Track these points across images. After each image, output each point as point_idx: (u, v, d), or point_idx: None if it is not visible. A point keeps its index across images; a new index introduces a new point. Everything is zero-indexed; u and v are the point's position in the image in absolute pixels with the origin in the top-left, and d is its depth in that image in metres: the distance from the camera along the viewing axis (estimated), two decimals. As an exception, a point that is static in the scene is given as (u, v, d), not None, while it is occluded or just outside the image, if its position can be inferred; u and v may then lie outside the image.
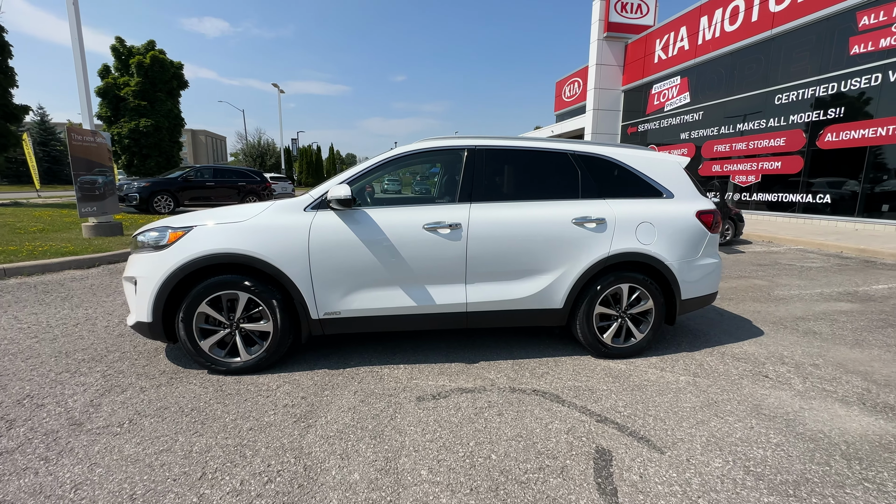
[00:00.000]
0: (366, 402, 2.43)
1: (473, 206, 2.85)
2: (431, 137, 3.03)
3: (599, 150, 3.12)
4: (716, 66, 14.56)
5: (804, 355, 3.19)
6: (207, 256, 2.54)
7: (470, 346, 3.26)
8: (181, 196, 13.11)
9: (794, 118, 11.90)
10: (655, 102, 17.67)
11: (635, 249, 2.95)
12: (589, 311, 2.98)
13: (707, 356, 3.16)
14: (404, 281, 2.79)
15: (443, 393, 2.56)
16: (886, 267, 6.65)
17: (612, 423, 2.27)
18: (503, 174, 2.98)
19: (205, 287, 2.57)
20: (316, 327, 2.77)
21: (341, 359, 3.00)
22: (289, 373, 2.77)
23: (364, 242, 2.69)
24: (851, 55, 10.45)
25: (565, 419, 2.29)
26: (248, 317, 2.70)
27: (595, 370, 2.91)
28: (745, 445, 2.07)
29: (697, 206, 3.14)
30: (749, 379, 2.79)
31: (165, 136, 22.48)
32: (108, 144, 8.07)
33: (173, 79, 22.66)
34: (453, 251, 2.78)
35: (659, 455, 2.00)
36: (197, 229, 2.61)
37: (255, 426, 2.17)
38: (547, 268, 2.90)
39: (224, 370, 2.69)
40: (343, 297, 2.73)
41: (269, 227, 2.64)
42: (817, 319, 4.05)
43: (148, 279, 2.56)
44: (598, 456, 1.99)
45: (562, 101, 25.67)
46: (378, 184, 9.33)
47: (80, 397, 2.39)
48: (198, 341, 2.63)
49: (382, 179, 9.07)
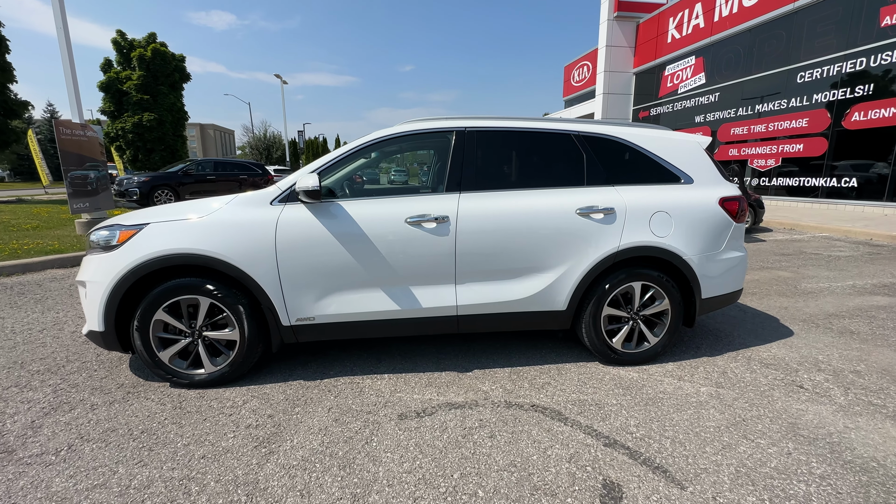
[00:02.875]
0: (340, 422, 2.14)
1: (463, 197, 2.51)
2: (418, 119, 2.68)
3: (607, 129, 2.75)
4: (733, 45, 13.81)
5: (842, 360, 2.81)
6: (161, 258, 2.25)
7: (465, 352, 2.95)
8: (182, 190, 12.93)
9: (817, 97, 11.22)
10: (669, 84, 16.94)
11: (649, 243, 2.58)
12: (596, 313, 2.64)
13: (731, 362, 2.80)
14: (386, 282, 2.47)
15: (428, 409, 2.26)
16: (922, 255, 6.15)
17: (623, 447, 1.94)
18: (497, 159, 2.63)
19: (161, 292, 2.29)
20: (288, 335, 2.47)
21: (321, 368, 2.72)
22: (259, 385, 2.49)
23: (339, 239, 2.38)
24: (882, 27, 9.72)
25: (567, 443, 1.97)
26: (212, 324, 2.41)
27: (603, 380, 2.57)
28: (783, 479, 1.74)
29: (720, 193, 2.75)
30: (781, 390, 2.44)
31: (169, 129, 22.35)
32: (99, 138, 7.85)
33: (175, 71, 22.44)
34: (440, 248, 2.45)
35: (679, 491, 1.67)
36: (150, 227, 2.32)
37: (210, 453, 1.89)
38: (547, 265, 2.56)
39: (186, 383, 2.42)
40: (317, 301, 2.43)
41: (231, 224, 2.34)
42: (853, 317, 3.65)
43: (97, 283, 2.28)
44: (606, 492, 1.67)
45: (570, 86, 24.89)
46: (385, 175, 8.84)
47: (22, 417, 2.14)
48: (156, 352, 2.36)
49: (388, 171, 8.65)
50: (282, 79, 26.46)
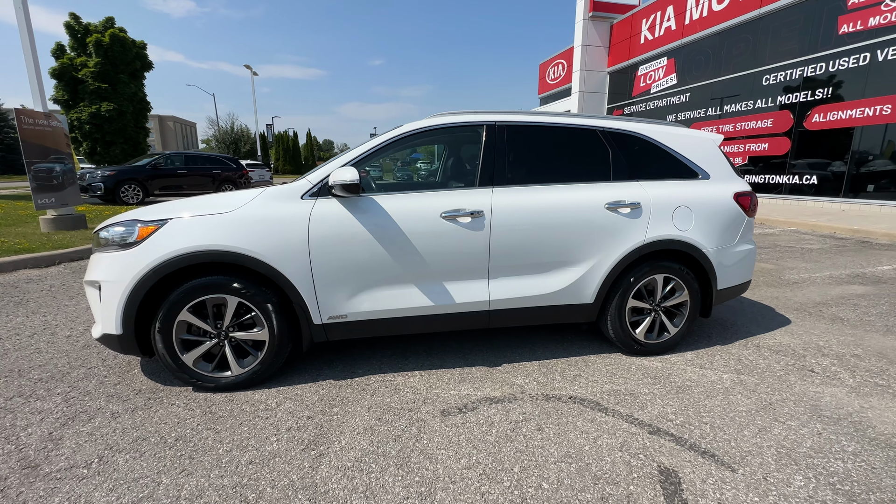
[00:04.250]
0: (383, 421, 2.10)
1: (496, 191, 2.50)
2: (447, 112, 2.65)
3: (630, 126, 2.81)
4: (703, 47, 14.41)
5: (840, 345, 3.01)
6: (187, 255, 2.12)
7: (488, 347, 2.96)
8: (150, 185, 12.27)
9: (781, 99, 11.89)
10: (642, 84, 17.49)
11: (672, 236, 2.67)
12: (621, 306, 2.71)
13: (742, 349, 2.94)
14: (419, 277, 2.44)
15: (469, 405, 2.25)
16: (883, 247, 6.65)
17: (667, 434, 2.00)
18: (527, 154, 2.63)
19: (185, 291, 2.16)
20: (319, 333, 2.40)
21: (347, 367, 2.65)
22: (289, 386, 2.40)
23: (373, 234, 2.32)
24: (840, 34, 10.40)
25: (614, 432, 2.02)
26: (239, 324, 2.31)
27: (630, 370, 2.64)
28: (821, 457, 1.84)
29: (735, 188, 2.88)
30: (795, 374, 2.58)
31: (130, 121, 21.06)
32: (64, 129, 7.31)
33: (136, 59, 21.14)
34: (475, 242, 2.44)
35: (731, 474, 1.74)
36: (173, 223, 2.18)
37: (256, 458, 1.81)
38: (577, 259, 2.60)
39: (212, 387, 2.31)
40: (349, 298, 2.37)
41: (261, 219, 2.24)
42: (838, 305, 3.91)
43: (115, 283, 2.13)
44: (664, 478, 1.72)
45: (546, 84, 25.26)
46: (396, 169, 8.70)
47: (37, 429, 1.98)
48: (179, 355, 2.23)
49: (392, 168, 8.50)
50: (251, 69, 25.44)
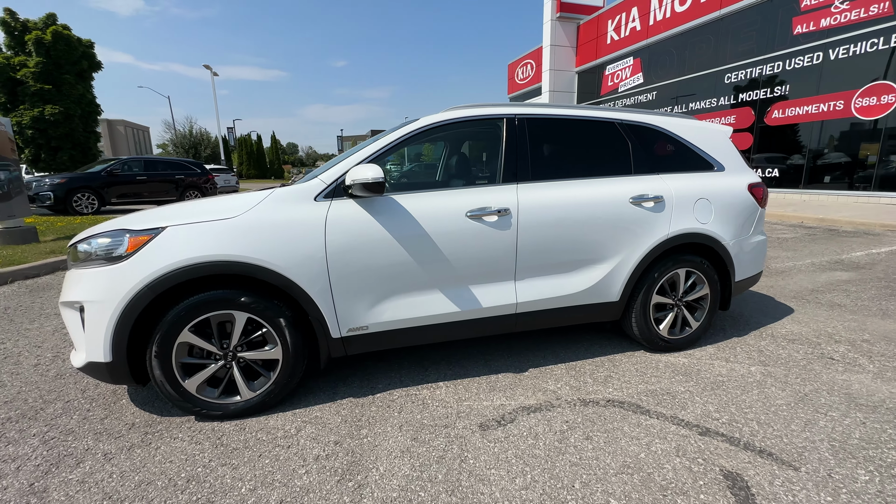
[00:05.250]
0: (420, 441, 1.91)
1: (521, 188, 2.37)
2: (463, 105, 2.49)
3: (646, 118, 2.75)
4: (667, 47, 14.93)
5: (847, 331, 3.07)
6: (188, 268, 1.86)
7: (509, 351, 2.82)
8: (107, 193, 11.39)
9: (743, 96, 12.46)
10: (609, 83, 17.94)
11: (694, 229, 2.63)
12: (646, 302, 2.64)
13: (759, 340, 2.95)
14: (444, 282, 2.27)
15: (506, 416, 2.10)
16: (849, 234, 7.03)
17: (718, 434, 1.93)
18: (549, 148, 2.52)
19: (186, 309, 1.90)
20: (337, 348, 2.18)
21: (365, 382, 2.44)
22: (305, 409, 2.17)
23: (395, 237, 2.13)
24: (795, 35, 11.00)
25: (664, 436, 1.92)
26: (248, 342, 2.06)
27: (658, 367, 2.58)
28: (875, 448, 1.81)
29: (748, 179, 2.88)
30: (818, 363, 2.59)
31: (78, 125, 19.59)
32: (9, 133, 6.60)
33: (83, 59, 19.70)
34: (502, 242, 2.30)
35: (795, 473, 1.68)
36: (169, 231, 1.91)
37: (287, 496, 1.59)
38: (604, 256, 2.51)
39: (220, 415, 2.05)
40: (371, 307, 2.17)
41: (271, 225, 2.00)
42: (830, 291, 4.03)
43: (102, 304, 1.84)
44: (731, 483, 1.63)
45: (515, 84, 25.50)
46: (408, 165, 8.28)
47: (13, 481, 1.67)
48: (181, 381, 1.96)
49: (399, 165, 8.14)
50: (212, 70, 24.26)
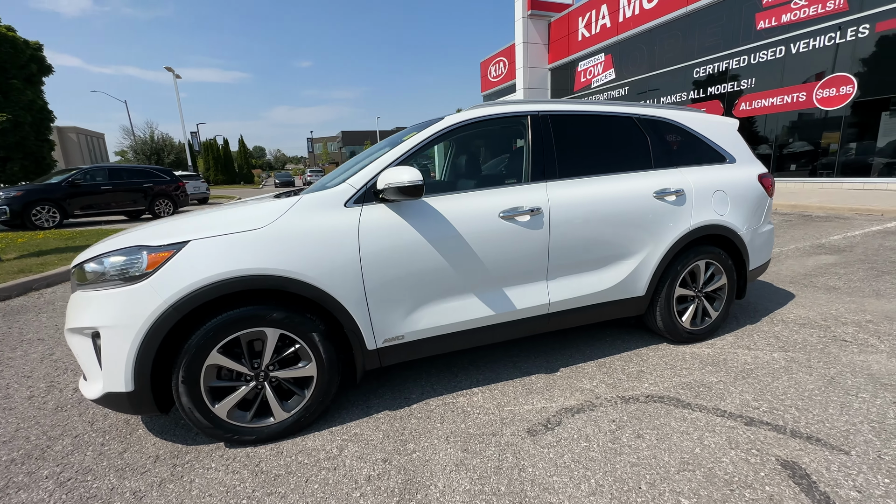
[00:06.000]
0: (471, 452, 1.85)
1: (549, 186, 2.33)
2: (481, 104, 2.42)
3: (662, 112, 2.77)
4: (637, 43, 15.33)
5: (850, 312, 3.20)
6: (217, 284, 1.72)
7: (534, 352, 2.78)
8: (69, 205, 10.69)
9: (711, 90, 12.94)
10: (582, 80, 18.28)
11: (714, 221, 2.66)
12: (670, 295, 2.66)
13: (772, 326, 3.03)
14: (478, 285, 2.21)
15: (551, 419, 2.06)
16: (822, 219, 7.40)
17: (763, 423, 1.95)
18: (574, 145, 2.49)
19: (215, 328, 1.76)
20: (372, 360, 2.08)
21: (397, 393, 2.35)
22: (341, 426, 2.06)
23: (431, 242, 2.05)
24: (758, 30, 11.50)
25: (712, 429, 1.93)
26: (280, 360, 1.93)
27: (685, 359, 2.60)
28: (912, 426, 1.88)
29: (758, 170, 2.95)
30: (834, 346, 2.68)
31: (30, 133, 18.32)
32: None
33: (31, 62, 18.44)
34: (535, 241, 2.25)
35: (847, 457, 1.71)
36: (193, 245, 1.76)
37: (348, 523, 1.49)
38: (631, 251, 2.51)
39: (252, 439, 1.91)
40: (406, 316, 2.08)
41: (302, 234, 1.88)
42: (821, 275, 4.21)
43: (122, 329, 1.67)
44: (791, 472, 1.65)
45: (488, 82, 25.62)
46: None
47: (33, 532, 1.50)
48: (210, 407, 1.82)
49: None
50: (174, 72, 23.18)
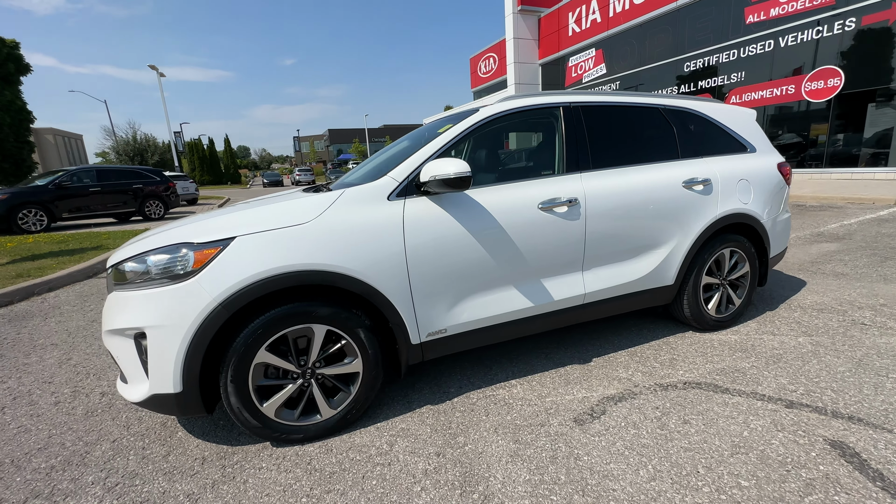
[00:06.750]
0: (522, 442, 1.85)
1: (584, 176, 2.34)
2: (513, 96, 2.41)
3: (685, 103, 2.79)
4: (628, 38, 15.46)
5: (863, 297, 3.28)
6: (266, 280, 1.69)
7: (562, 343, 2.80)
8: (56, 208, 10.39)
9: (702, 84, 13.13)
10: (573, 75, 18.37)
11: (739, 210, 2.70)
12: (697, 283, 2.70)
13: (791, 312, 3.09)
14: (518, 277, 2.20)
15: (595, 409, 2.08)
16: (816, 209, 7.58)
17: (803, 405, 1.99)
18: (605, 136, 2.49)
19: (263, 326, 1.72)
20: (416, 354, 2.07)
21: (435, 387, 2.34)
22: (385, 422, 2.05)
23: (473, 234, 2.03)
24: (747, 24, 11.69)
25: (755, 412, 1.96)
26: (326, 357, 1.90)
27: (714, 346, 2.64)
28: (947, 404, 1.94)
29: (777, 159, 3.00)
30: (855, 329, 2.75)
31: (9, 135, 17.73)
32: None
33: (8, 61, 17.82)
34: (572, 232, 2.26)
35: (891, 435, 1.76)
36: (239, 241, 1.72)
37: (415, 518, 1.48)
38: (662, 240, 2.53)
39: (300, 438, 1.88)
40: (449, 309, 2.07)
41: (348, 228, 1.85)
42: (827, 262, 4.31)
43: (169, 329, 1.63)
44: (841, 452, 1.68)
45: (478, 78, 25.59)
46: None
47: (91, 539, 1.45)
48: (258, 406, 1.79)
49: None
50: (158, 70, 22.62)
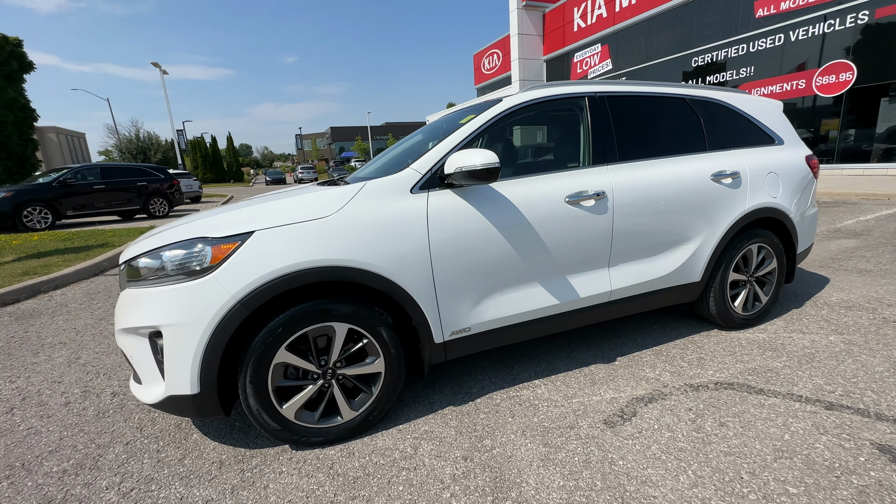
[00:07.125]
0: (553, 446, 1.77)
1: (611, 169, 2.25)
2: (537, 86, 2.33)
3: (712, 93, 2.70)
4: (635, 33, 15.29)
5: (891, 294, 3.19)
6: (288, 276, 1.61)
7: (584, 343, 2.71)
8: (61, 205, 10.35)
9: (710, 79, 12.97)
10: (579, 70, 18.21)
11: (768, 204, 2.61)
12: (724, 280, 2.61)
13: (818, 310, 3.00)
14: (544, 273, 2.12)
15: (626, 410, 2.00)
16: (830, 205, 7.46)
17: (844, 407, 1.91)
18: (631, 127, 2.40)
19: (284, 324, 1.65)
20: (438, 354, 1.99)
21: (456, 388, 2.26)
22: (407, 423, 1.97)
23: (499, 228, 1.95)
24: (757, 18, 11.52)
25: (795, 414, 1.88)
26: (346, 356, 1.83)
27: (742, 345, 2.56)
28: None
29: (804, 152, 2.90)
30: (887, 327, 2.66)
31: (12, 132, 17.78)
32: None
33: (12, 59, 17.83)
34: (599, 227, 2.17)
35: (942, 439, 1.67)
36: (259, 236, 1.64)
37: (447, 526, 1.40)
38: (689, 235, 2.44)
39: (321, 440, 1.81)
40: (473, 307, 1.99)
41: (371, 222, 1.77)
42: (848, 258, 4.21)
43: (187, 327, 1.56)
44: (891, 457, 1.60)
45: (482, 74, 25.44)
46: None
47: (108, 548, 1.38)
48: (278, 408, 1.71)
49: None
50: (161, 68, 22.56)
